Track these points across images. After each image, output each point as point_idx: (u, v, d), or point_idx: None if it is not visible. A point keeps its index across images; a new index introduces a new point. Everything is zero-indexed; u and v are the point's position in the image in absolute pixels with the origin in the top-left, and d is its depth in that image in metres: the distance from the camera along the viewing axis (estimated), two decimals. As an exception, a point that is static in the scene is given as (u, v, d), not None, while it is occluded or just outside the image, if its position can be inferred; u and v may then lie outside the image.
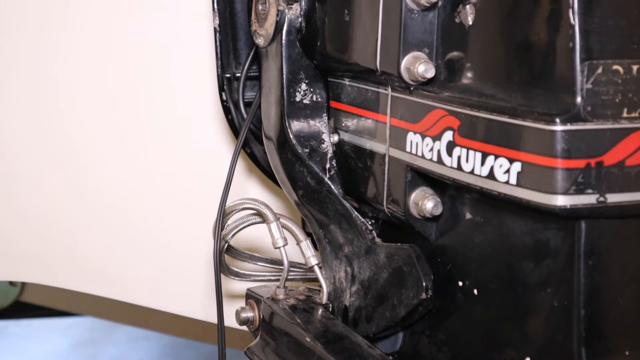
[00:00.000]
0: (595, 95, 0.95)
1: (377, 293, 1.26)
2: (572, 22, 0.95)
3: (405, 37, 1.12)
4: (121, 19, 1.62)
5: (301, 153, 1.31)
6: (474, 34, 1.08)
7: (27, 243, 1.74)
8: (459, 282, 1.13)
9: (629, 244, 1.00)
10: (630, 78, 0.96)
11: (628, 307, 1.01)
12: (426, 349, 1.21)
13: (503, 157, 1.00)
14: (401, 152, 1.16)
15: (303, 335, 1.26)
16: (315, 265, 1.37)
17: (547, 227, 1.00)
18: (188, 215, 1.65)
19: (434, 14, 1.12)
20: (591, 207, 0.96)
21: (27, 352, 3.51)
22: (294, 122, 1.32)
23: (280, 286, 1.38)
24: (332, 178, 1.31)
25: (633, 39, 0.97)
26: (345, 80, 1.29)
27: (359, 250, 1.29)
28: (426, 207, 1.14)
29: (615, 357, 1.01)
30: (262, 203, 1.37)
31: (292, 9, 1.30)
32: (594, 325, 0.99)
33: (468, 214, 1.11)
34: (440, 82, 1.12)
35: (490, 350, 1.10)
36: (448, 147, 1.08)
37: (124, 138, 1.65)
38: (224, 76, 1.46)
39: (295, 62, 1.31)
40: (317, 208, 1.33)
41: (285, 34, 1.30)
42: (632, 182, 0.96)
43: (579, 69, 0.95)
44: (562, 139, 0.94)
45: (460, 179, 1.06)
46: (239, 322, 1.41)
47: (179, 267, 1.67)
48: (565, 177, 0.95)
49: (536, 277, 1.03)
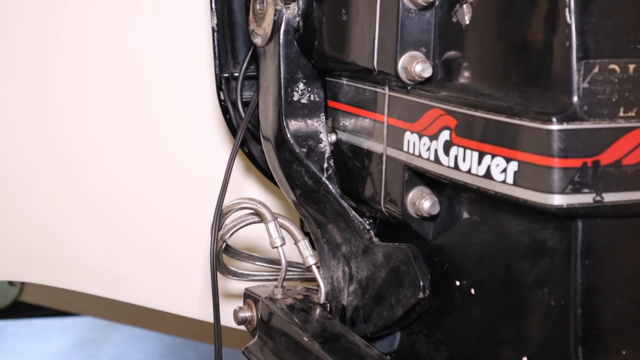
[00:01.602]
0: (592, 94, 0.95)
1: (375, 292, 1.26)
2: (568, 21, 0.95)
3: (402, 37, 1.12)
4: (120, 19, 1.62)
5: (299, 152, 1.31)
6: (471, 33, 1.08)
7: (26, 243, 1.74)
8: (456, 282, 1.13)
9: (625, 243, 1.00)
10: (627, 77, 0.96)
11: (625, 306, 1.00)
12: (424, 349, 1.21)
13: (500, 156, 1.00)
14: (398, 152, 1.16)
15: (301, 335, 1.26)
16: (313, 265, 1.37)
17: (544, 226, 1.00)
18: (186, 215, 1.65)
19: (431, 13, 1.12)
20: (588, 207, 0.96)
21: (26, 352, 3.51)
22: (291, 121, 1.32)
23: (278, 286, 1.38)
24: (330, 178, 1.31)
25: (630, 38, 0.97)
26: (342, 80, 1.29)
27: (357, 250, 1.29)
28: (423, 207, 1.14)
29: (612, 356, 1.01)
30: (259, 202, 1.37)
31: (290, 8, 1.30)
32: (591, 325, 0.99)
33: (465, 214, 1.11)
34: (438, 82, 1.12)
35: (488, 349, 1.10)
36: (445, 147, 1.08)
37: (122, 138, 1.65)
38: (221, 76, 1.46)
39: (293, 62, 1.31)
40: (315, 208, 1.33)
41: (282, 34, 1.30)
42: (628, 181, 0.96)
43: (576, 68, 0.95)
44: (558, 138, 0.94)
45: (457, 178, 1.06)
46: (237, 321, 1.41)
47: (178, 266, 1.67)
48: (561, 176, 0.95)
49: (533, 277, 1.03)
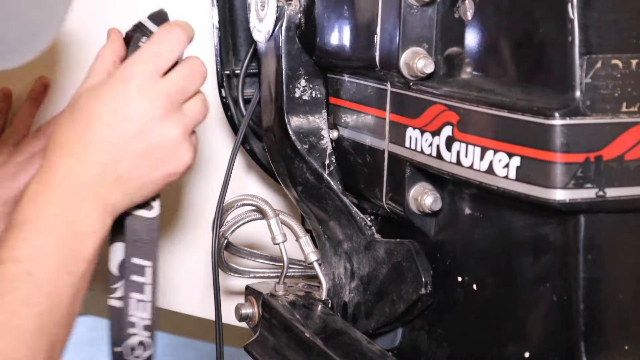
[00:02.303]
0: (594, 89, 0.95)
1: (377, 289, 1.26)
2: (571, 16, 0.95)
3: (404, 33, 1.12)
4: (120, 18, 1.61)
5: (300, 149, 1.31)
6: (473, 29, 1.08)
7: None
8: (458, 278, 1.13)
9: (628, 238, 1.00)
10: (630, 72, 0.96)
11: (627, 301, 1.00)
12: (425, 345, 1.21)
13: (502, 151, 1.00)
14: (400, 148, 1.17)
15: (302, 331, 1.26)
16: (315, 262, 1.37)
17: (546, 221, 1.00)
18: (187, 212, 1.65)
19: (433, 9, 1.12)
20: (590, 202, 0.96)
21: (26, 352, 3.50)
22: (293, 118, 1.32)
23: (280, 282, 1.38)
24: (332, 174, 1.31)
25: (632, 34, 0.97)
26: (344, 76, 1.29)
27: (358, 246, 1.29)
28: (425, 203, 1.14)
29: (615, 351, 1.01)
30: (261, 199, 1.37)
31: (292, 5, 1.30)
32: (593, 320, 0.99)
33: (467, 209, 1.11)
34: (440, 77, 1.12)
35: (490, 345, 1.10)
36: (447, 142, 1.08)
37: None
38: (223, 73, 1.46)
39: (295, 58, 1.31)
40: (317, 204, 1.33)
41: (284, 30, 1.30)
42: (631, 176, 0.96)
43: (578, 63, 0.95)
44: (561, 133, 0.94)
45: (460, 174, 1.06)
46: (239, 318, 1.41)
47: (179, 264, 1.67)
48: (564, 171, 0.95)
49: (535, 272, 1.03)
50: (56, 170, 1.12)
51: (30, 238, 1.08)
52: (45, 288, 1.06)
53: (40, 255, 1.07)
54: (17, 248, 1.07)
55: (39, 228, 1.09)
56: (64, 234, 1.09)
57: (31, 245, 1.07)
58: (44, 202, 1.10)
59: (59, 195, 1.10)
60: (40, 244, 1.08)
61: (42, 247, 1.08)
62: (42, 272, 1.07)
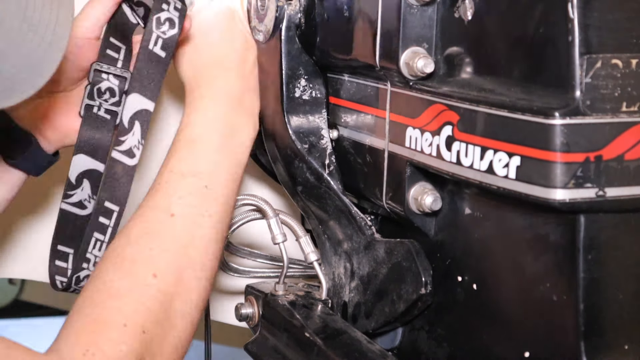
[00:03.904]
0: (594, 89, 0.95)
1: (377, 289, 1.26)
2: (571, 15, 0.95)
3: (404, 32, 1.12)
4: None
5: (300, 149, 1.31)
6: (473, 28, 1.08)
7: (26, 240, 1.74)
8: (458, 277, 1.13)
9: (628, 238, 1.00)
10: (630, 72, 0.96)
11: (627, 301, 1.00)
12: (425, 345, 1.21)
13: (502, 151, 1.00)
14: (400, 147, 1.16)
15: (302, 331, 1.26)
16: (315, 261, 1.37)
17: (546, 221, 1.00)
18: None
19: (433, 9, 1.12)
20: (590, 201, 0.96)
21: (26, 351, 3.49)
22: (293, 117, 1.32)
23: (280, 282, 1.38)
24: (332, 174, 1.31)
25: (632, 33, 0.97)
26: (344, 76, 1.29)
27: (358, 246, 1.29)
28: (425, 202, 1.14)
29: (615, 351, 1.01)
30: (261, 199, 1.37)
31: (292, 4, 1.30)
32: (593, 320, 0.99)
33: (467, 209, 1.11)
34: (440, 77, 1.12)
35: (490, 345, 1.10)
36: (447, 142, 1.08)
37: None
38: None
39: (295, 58, 1.31)
40: (317, 204, 1.33)
41: (284, 30, 1.30)
42: (631, 176, 0.96)
43: (578, 63, 0.95)
44: (561, 133, 0.94)
45: (460, 173, 1.06)
46: (239, 318, 1.41)
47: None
48: (564, 171, 0.95)
49: (535, 272, 1.03)
50: (216, 87, 1.27)
51: (206, 153, 1.22)
52: (221, 199, 1.21)
53: (216, 170, 1.22)
54: (195, 164, 1.21)
55: (211, 144, 1.23)
56: (231, 149, 1.24)
57: (208, 160, 1.22)
58: (213, 117, 1.25)
59: (222, 111, 1.26)
60: (215, 158, 1.23)
61: (215, 161, 1.23)
62: (217, 185, 1.21)
